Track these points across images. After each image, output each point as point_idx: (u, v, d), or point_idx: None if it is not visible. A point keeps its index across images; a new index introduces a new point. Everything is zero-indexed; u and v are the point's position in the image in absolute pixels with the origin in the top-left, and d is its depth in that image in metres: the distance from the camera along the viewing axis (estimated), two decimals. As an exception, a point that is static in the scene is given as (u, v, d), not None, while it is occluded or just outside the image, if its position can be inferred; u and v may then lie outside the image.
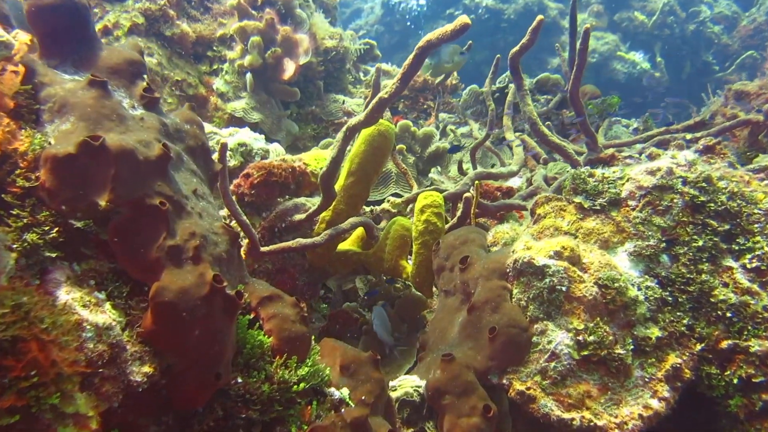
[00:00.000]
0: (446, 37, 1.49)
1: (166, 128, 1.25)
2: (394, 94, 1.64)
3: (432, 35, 1.52)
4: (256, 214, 2.16)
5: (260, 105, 3.60)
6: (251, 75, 3.47)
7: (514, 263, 1.62)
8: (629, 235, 1.70)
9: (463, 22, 1.44)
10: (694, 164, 1.72)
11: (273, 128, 3.66)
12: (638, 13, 9.03)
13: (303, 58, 3.45)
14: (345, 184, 2.09)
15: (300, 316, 1.38)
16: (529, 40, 1.79)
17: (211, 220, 1.22)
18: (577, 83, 2.28)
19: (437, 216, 1.94)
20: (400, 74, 1.62)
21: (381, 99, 1.66)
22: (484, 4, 9.44)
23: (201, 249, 1.12)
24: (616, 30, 9.07)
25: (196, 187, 1.24)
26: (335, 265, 2.26)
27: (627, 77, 8.74)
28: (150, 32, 3.42)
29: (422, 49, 1.55)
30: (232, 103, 3.53)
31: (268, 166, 2.12)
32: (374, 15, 11.91)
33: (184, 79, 3.55)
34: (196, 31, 3.94)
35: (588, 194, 1.78)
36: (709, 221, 1.66)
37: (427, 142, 3.23)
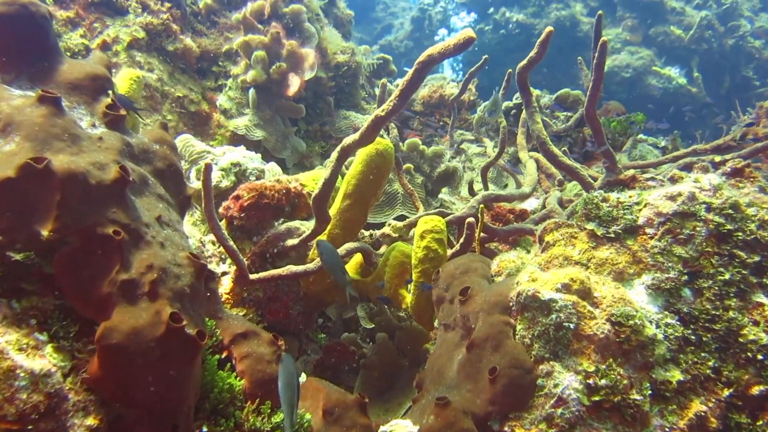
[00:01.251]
0: (449, 52, 1.41)
1: (131, 149, 1.17)
2: (391, 112, 1.56)
3: (433, 49, 1.44)
4: (246, 238, 2.09)
5: (264, 122, 3.55)
6: (254, 91, 3.43)
7: (517, 296, 1.51)
8: (647, 266, 1.58)
9: (467, 36, 1.36)
10: (720, 189, 1.60)
11: (277, 146, 3.61)
12: (674, 28, 8.90)
13: (309, 74, 3.40)
14: (341, 207, 2.01)
15: (277, 356, 1.28)
16: (537, 54, 1.70)
17: (175, 249, 1.14)
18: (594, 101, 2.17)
19: (438, 242, 1.84)
20: (398, 91, 1.54)
21: (377, 117, 1.57)
22: (515, 19, 9.42)
23: (159, 283, 1.04)
24: (651, 45, 8.96)
25: (161, 213, 1.17)
26: (332, 293, 2.17)
27: (663, 92, 8.58)
28: (151, 47, 3.41)
29: (423, 64, 1.47)
30: (235, 120, 3.49)
31: (259, 188, 2.04)
32: (404, 30, 12.07)
33: (186, 95, 3.52)
34: (201, 45, 3.92)
35: (601, 221, 1.67)
36: (736, 252, 1.53)
37: (436, 161, 3.14)
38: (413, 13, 11.60)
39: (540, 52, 1.68)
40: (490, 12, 9.68)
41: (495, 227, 2.24)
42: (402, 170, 2.55)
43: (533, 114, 1.81)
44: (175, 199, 1.29)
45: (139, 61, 3.22)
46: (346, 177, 2.01)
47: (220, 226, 1.76)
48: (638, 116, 4.01)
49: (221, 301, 1.39)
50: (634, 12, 9.17)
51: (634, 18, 9.10)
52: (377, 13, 14.20)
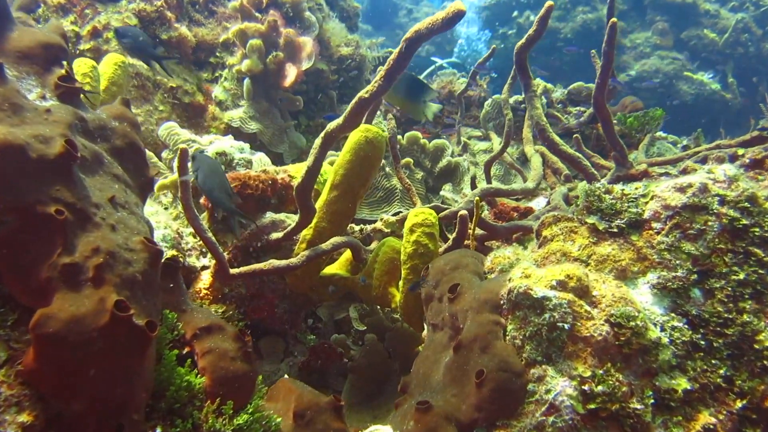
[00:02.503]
0: (437, 27, 1.34)
1: (85, 124, 1.12)
2: (376, 93, 1.50)
3: (421, 25, 1.38)
4: (229, 231, 2.03)
5: (260, 114, 3.50)
6: (249, 81, 3.38)
7: (508, 294, 1.43)
8: (652, 263, 1.50)
9: (456, 9, 1.29)
10: (736, 180, 1.51)
11: (274, 140, 3.56)
12: (708, 31, 8.75)
13: (306, 63, 3.35)
14: (327, 198, 1.95)
15: (242, 352, 1.22)
16: (536, 32, 1.63)
17: (129, 233, 1.08)
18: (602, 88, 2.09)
19: (429, 237, 1.77)
20: (383, 71, 1.48)
21: (361, 99, 1.51)
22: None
23: (105, 268, 0.98)
24: (683, 48, 8.84)
25: (116, 194, 1.11)
26: (319, 290, 2.10)
27: (695, 98, 8.42)
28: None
29: (409, 41, 1.40)
30: (230, 112, 3.44)
31: (243, 177, 1.99)
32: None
33: (180, 86, 3.48)
34: (198, 35, 3.89)
35: (603, 214, 1.59)
36: (753, 249, 1.44)
37: (438, 155, 3.07)
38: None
39: (539, 30, 1.61)
40: (515, 15, 9.62)
41: (495, 224, 2.16)
42: (400, 164, 2.49)
43: (532, 99, 1.73)
44: (136, 181, 1.24)
45: (130, 48, 3.19)
46: (334, 167, 1.95)
47: (198, 216, 1.70)
48: (657, 112, 3.91)
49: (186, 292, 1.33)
50: (665, 15, 9.04)
51: (665, 21, 8.96)
52: (400, 18, 14.33)
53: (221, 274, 1.85)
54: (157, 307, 1.10)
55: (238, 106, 3.53)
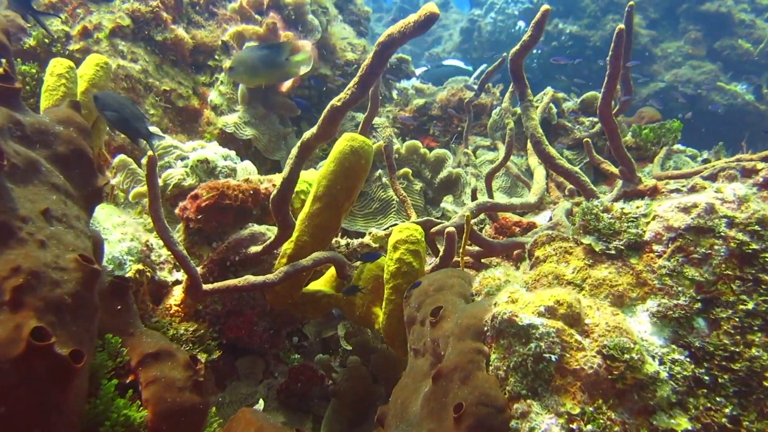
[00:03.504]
0: (409, 30, 1.27)
1: (21, 128, 1.05)
2: (349, 101, 1.43)
3: (393, 28, 1.31)
4: (205, 243, 1.96)
5: (256, 119, 3.44)
6: (245, 85, 3.32)
7: (492, 320, 1.34)
8: (653, 289, 1.39)
9: (428, 12, 1.22)
10: (746, 201, 1.41)
11: (270, 146, 3.49)
12: (742, 41, 8.61)
13: (304, 68, 3.28)
14: (310, 211, 1.86)
15: (192, 381, 1.14)
16: (531, 37, 1.54)
17: (61, 250, 1.00)
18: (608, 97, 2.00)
19: (413, 254, 1.68)
20: (357, 78, 1.41)
21: (333, 108, 1.45)
22: (568, 31, 9.29)
23: (26, 290, 0.91)
24: (716, 59, 8.70)
25: (51, 206, 1.04)
26: (301, 308, 2.02)
27: (727, 109, 8.26)
28: (138, 36, 3.33)
29: (383, 45, 1.34)
30: (224, 117, 3.39)
31: (221, 187, 1.92)
32: (452, 42, 12.25)
33: (174, 89, 3.43)
34: (196, 37, 3.85)
35: (601, 234, 1.49)
36: (763, 277, 1.33)
37: (439, 166, 2.98)
38: (463, 24, 11.64)
39: (535, 36, 1.53)
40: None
41: (492, 241, 2.07)
42: (395, 174, 2.40)
43: (527, 109, 1.64)
44: (81, 191, 1.16)
45: (122, 50, 3.15)
46: (317, 177, 1.87)
47: (167, 228, 1.63)
48: (674, 123, 3.79)
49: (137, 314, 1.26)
50: (698, 24, 8.91)
51: (698, 30, 8.82)
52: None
53: (193, 289, 1.78)
54: (91, 333, 1.02)
55: (234, 111, 3.47)
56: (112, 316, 1.17)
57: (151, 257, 1.81)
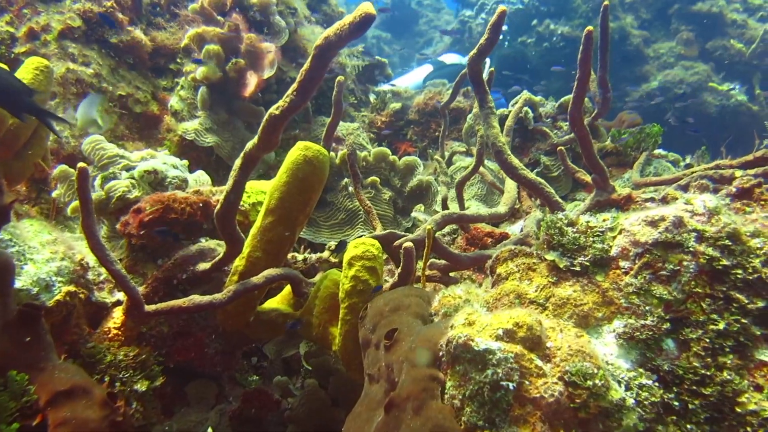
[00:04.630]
0: (345, 33, 1.22)
1: None
2: (288, 109, 1.38)
3: (330, 31, 1.26)
4: (150, 260, 1.88)
5: (219, 126, 3.37)
6: (205, 90, 3.25)
7: (447, 345, 1.28)
8: (619, 308, 1.35)
9: (364, 13, 1.17)
10: (716, 213, 1.37)
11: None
12: (734, 41, 8.70)
13: (268, 72, 3.21)
14: (262, 225, 1.80)
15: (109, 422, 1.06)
16: (488, 41, 1.49)
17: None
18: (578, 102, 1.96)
19: (369, 272, 1.62)
20: (296, 84, 1.36)
21: (272, 116, 1.39)
22: (560, 32, 9.31)
23: None
24: (708, 59, 8.80)
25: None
26: (255, 329, 1.95)
27: (719, 110, 8.34)
28: (91, 38, 3.24)
29: (320, 49, 1.28)
30: (185, 124, 3.30)
31: (166, 199, 1.84)
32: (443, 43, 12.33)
33: (131, 94, 3.35)
34: (157, 39, 3.77)
35: (565, 249, 1.44)
36: (734, 294, 1.29)
37: (409, 174, 2.92)
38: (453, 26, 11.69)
39: (491, 39, 1.48)
40: (534, 24, 9.55)
41: (458, 254, 2.02)
42: (360, 184, 2.34)
43: (488, 116, 1.59)
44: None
45: (72, 53, 3.06)
46: (269, 189, 1.80)
47: (103, 245, 1.56)
48: (654, 128, 3.78)
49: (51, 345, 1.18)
50: (690, 24, 9.01)
51: (690, 31, 8.92)
52: (420, 26, 14.63)
53: (134, 311, 1.70)
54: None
55: (195, 116, 3.39)
56: (20, 349, 1.09)
57: (88, 276, 1.73)
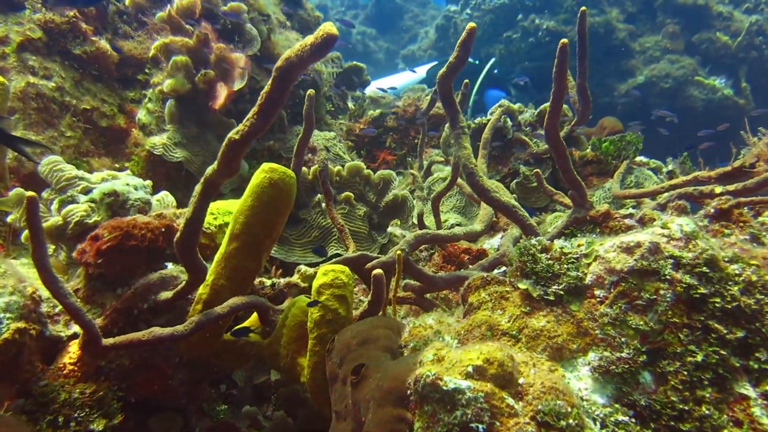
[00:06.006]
0: (307, 54, 1.18)
1: None
2: (248, 134, 1.33)
3: (291, 52, 1.22)
4: (110, 290, 1.82)
5: (188, 139, 3.31)
6: (172, 103, 3.19)
7: (415, 383, 1.24)
8: (594, 340, 1.32)
9: (325, 33, 1.13)
10: (694, 238, 1.34)
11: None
12: (720, 34, 8.72)
13: (238, 83, 3.16)
14: (226, 251, 1.75)
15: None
16: (456, 58, 1.46)
17: None
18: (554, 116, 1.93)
19: (339, 300, 1.58)
20: (257, 107, 1.32)
21: (231, 141, 1.35)
22: (545, 26, 9.31)
23: None
24: (695, 53, 8.81)
25: None
26: (222, 358, 1.90)
27: (705, 105, 8.37)
28: (53, 50, 3.17)
29: (281, 71, 1.24)
30: (153, 138, 3.24)
31: (125, 225, 1.79)
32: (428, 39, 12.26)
33: (97, 107, 3.28)
34: (123, 49, 3.70)
35: (539, 277, 1.41)
36: (712, 324, 1.27)
37: (384, 188, 2.88)
38: (438, 21, 11.63)
39: (461, 56, 1.44)
40: (519, 19, 9.55)
41: (433, 276, 1.98)
42: (332, 202, 2.30)
43: (460, 137, 1.56)
44: None
45: (32, 66, 2.99)
46: (233, 214, 1.75)
47: (56, 277, 1.50)
48: (634, 136, 3.78)
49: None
50: (675, 17, 9.02)
51: (676, 24, 8.92)
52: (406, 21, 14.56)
53: (91, 346, 1.65)
54: None
55: (164, 130, 3.32)
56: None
57: (41, 310, 1.66)
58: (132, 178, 2.16)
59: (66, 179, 2.06)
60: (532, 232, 1.64)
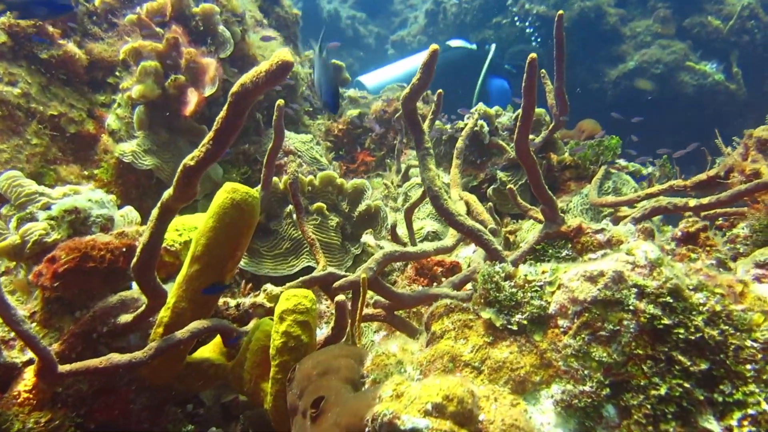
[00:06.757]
0: (261, 81, 1.16)
1: None
2: (204, 160, 1.30)
3: (246, 78, 1.19)
4: (68, 313, 1.78)
5: (159, 146, 3.25)
6: (141, 109, 3.13)
7: (372, 421, 1.21)
8: (558, 372, 1.30)
9: (280, 60, 1.10)
10: (658, 266, 1.33)
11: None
12: (712, 18, 8.67)
13: (209, 89, 3.11)
14: (188, 273, 1.71)
15: None
16: (420, 80, 1.43)
17: None
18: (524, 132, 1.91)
19: (302, 327, 1.55)
20: (212, 132, 1.28)
21: (186, 168, 1.31)
22: (535, 12, 9.24)
23: None
24: (686, 37, 8.76)
25: None
26: (185, 381, 1.86)
27: (696, 90, 8.36)
28: (19, 54, 3.10)
29: (236, 96, 1.21)
30: (122, 145, 3.18)
31: (83, 246, 1.75)
32: (417, 25, 12.05)
33: (65, 113, 3.21)
34: (93, 52, 3.63)
35: (502, 306, 1.39)
36: (676, 356, 1.25)
37: (357, 198, 2.86)
38: (428, 6, 11.43)
39: (424, 78, 1.41)
40: (509, 4, 9.47)
41: (401, 293, 1.96)
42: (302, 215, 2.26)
43: (425, 158, 1.53)
44: None
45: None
46: (195, 235, 1.72)
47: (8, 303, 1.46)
48: (612, 141, 3.78)
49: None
50: (667, 1, 8.96)
51: (667, 8, 8.87)
52: (396, 5, 14.30)
53: (46, 373, 1.60)
54: None
55: (134, 136, 3.27)
56: None
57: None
58: (95, 193, 2.11)
59: (26, 195, 2.01)
60: (497, 257, 1.62)
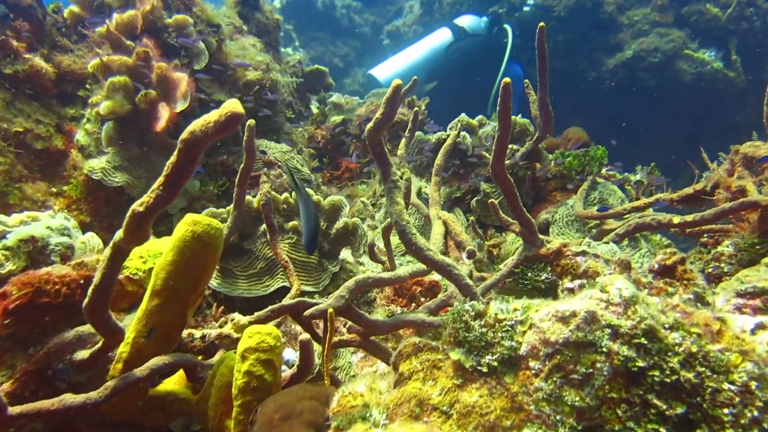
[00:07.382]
0: (210, 131, 1.10)
1: None
2: (153, 205, 1.25)
3: (195, 126, 1.13)
4: (21, 349, 1.71)
5: (130, 162, 3.18)
6: (111, 125, 3.06)
7: (333, 476, 1.16)
8: (529, 416, 1.25)
9: (230, 111, 1.05)
10: (633, 304, 1.28)
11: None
12: (710, 5, 8.63)
13: (181, 104, 3.04)
14: (147, 308, 1.65)
15: None
16: (384, 114, 1.38)
17: None
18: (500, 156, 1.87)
19: (265, 366, 1.49)
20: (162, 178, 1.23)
21: (135, 214, 1.25)
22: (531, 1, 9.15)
23: None
24: (684, 25, 8.69)
25: None
26: (149, 416, 1.80)
27: (695, 79, 8.32)
28: (-19, 70, 3.03)
29: (186, 143, 1.16)
30: (91, 161, 3.11)
31: (36, 281, 1.68)
32: (413, 15, 11.88)
33: (31, 129, 3.13)
34: (62, 65, 3.56)
35: (472, 347, 1.34)
36: (652, 400, 1.21)
37: (335, 215, 2.80)
38: None
39: (388, 113, 1.36)
40: None
41: (375, 320, 1.90)
42: (276, 236, 2.21)
43: (392, 191, 1.48)
44: None
45: (-44, 89, 2.84)
46: (155, 269, 1.65)
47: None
48: (599, 151, 3.74)
49: None
50: None
51: None
52: None
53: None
54: None
55: (104, 152, 3.19)
56: None
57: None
58: (54, 220, 2.05)
59: (-21, 223, 1.94)
60: (468, 293, 1.57)
